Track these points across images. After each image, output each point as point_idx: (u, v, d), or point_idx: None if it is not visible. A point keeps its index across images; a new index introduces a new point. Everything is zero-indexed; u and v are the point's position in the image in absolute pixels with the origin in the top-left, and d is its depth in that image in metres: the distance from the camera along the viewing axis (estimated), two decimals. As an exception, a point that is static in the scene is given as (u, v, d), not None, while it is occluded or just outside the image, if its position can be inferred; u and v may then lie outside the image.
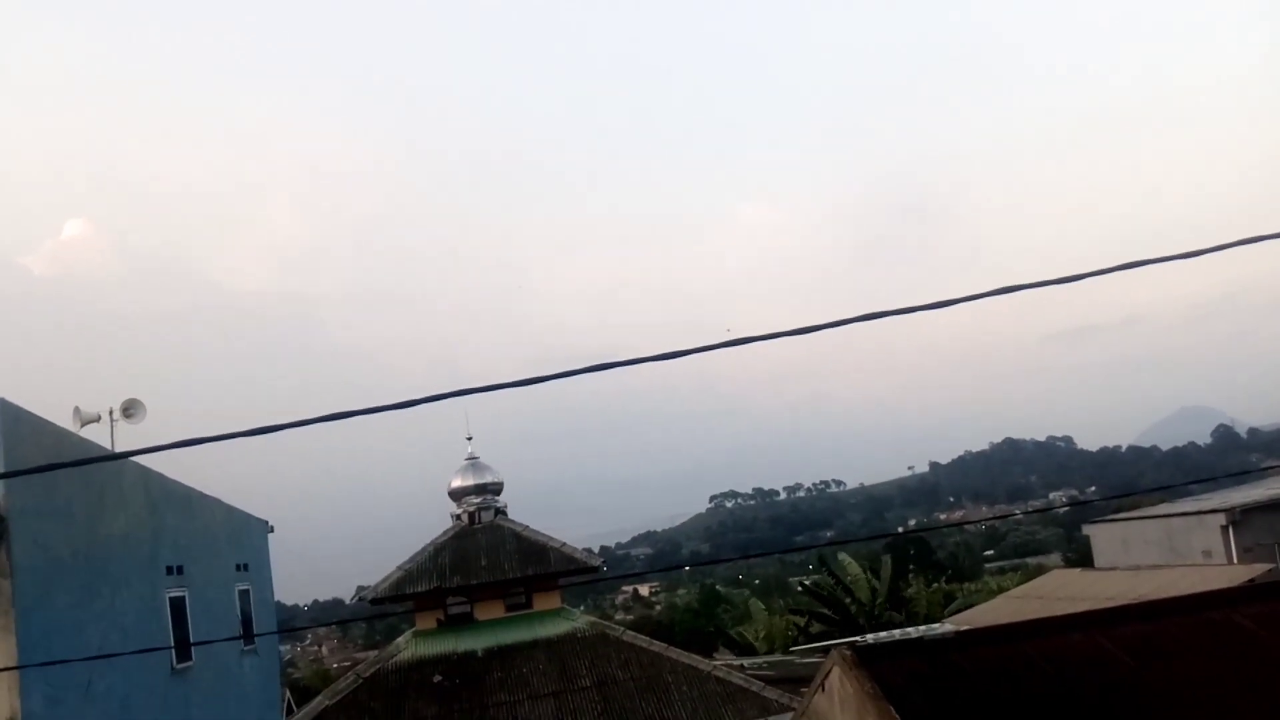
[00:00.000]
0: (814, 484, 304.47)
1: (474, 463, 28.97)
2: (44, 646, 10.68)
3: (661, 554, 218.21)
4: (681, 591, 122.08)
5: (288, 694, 32.27)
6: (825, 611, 42.54)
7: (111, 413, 16.00)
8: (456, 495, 28.64)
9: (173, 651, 14.41)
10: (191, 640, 15.07)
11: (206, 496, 17.16)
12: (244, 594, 18.06)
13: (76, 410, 15.55)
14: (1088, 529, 34.38)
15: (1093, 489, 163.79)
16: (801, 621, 44.20)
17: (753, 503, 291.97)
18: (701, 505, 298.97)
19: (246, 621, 17.94)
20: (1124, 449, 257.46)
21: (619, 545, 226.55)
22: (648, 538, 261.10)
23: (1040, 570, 52.55)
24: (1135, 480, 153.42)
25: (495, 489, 28.85)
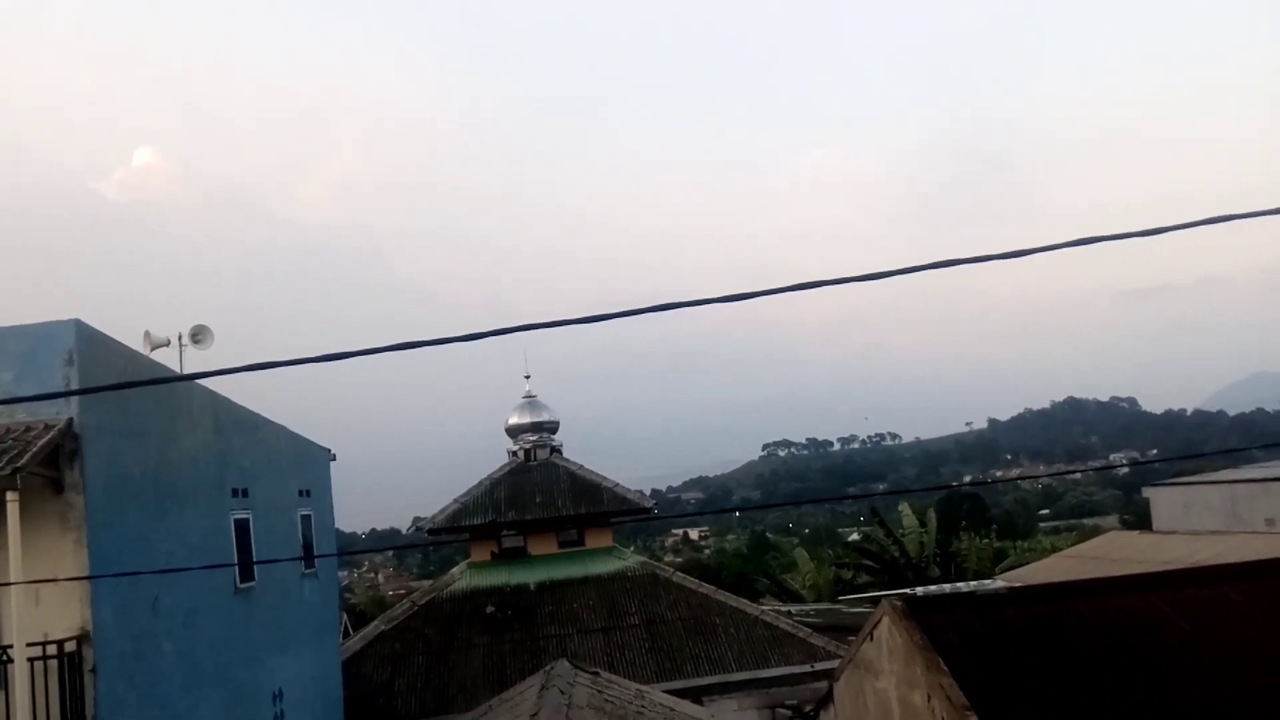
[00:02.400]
0: (869, 436, 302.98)
1: (531, 401, 29.28)
2: (114, 561, 11.01)
3: (712, 499, 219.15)
4: (731, 537, 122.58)
5: (345, 618, 33.14)
6: (872, 564, 42.51)
7: (180, 338, 16.31)
8: (513, 432, 29.01)
9: (236, 571, 14.80)
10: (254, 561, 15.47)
11: (272, 423, 17.48)
12: (305, 519, 18.44)
13: (147, 334, 15.89)
14: (1147, 491, 33.82)
15: (1155, 452, 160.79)
16: (848, 575, 44.22)
17: (806, 453, 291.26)
18: (754, 453, 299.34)
19: (307, 546, 18.35)
20: (1189, 413, 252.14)
21: (670, 489, 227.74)
22: (699, 483, 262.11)
23: (1096, 531, 51.90)
24: (1200, 445, 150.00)
25: (551, 427, 29.16)
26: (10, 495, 9.78)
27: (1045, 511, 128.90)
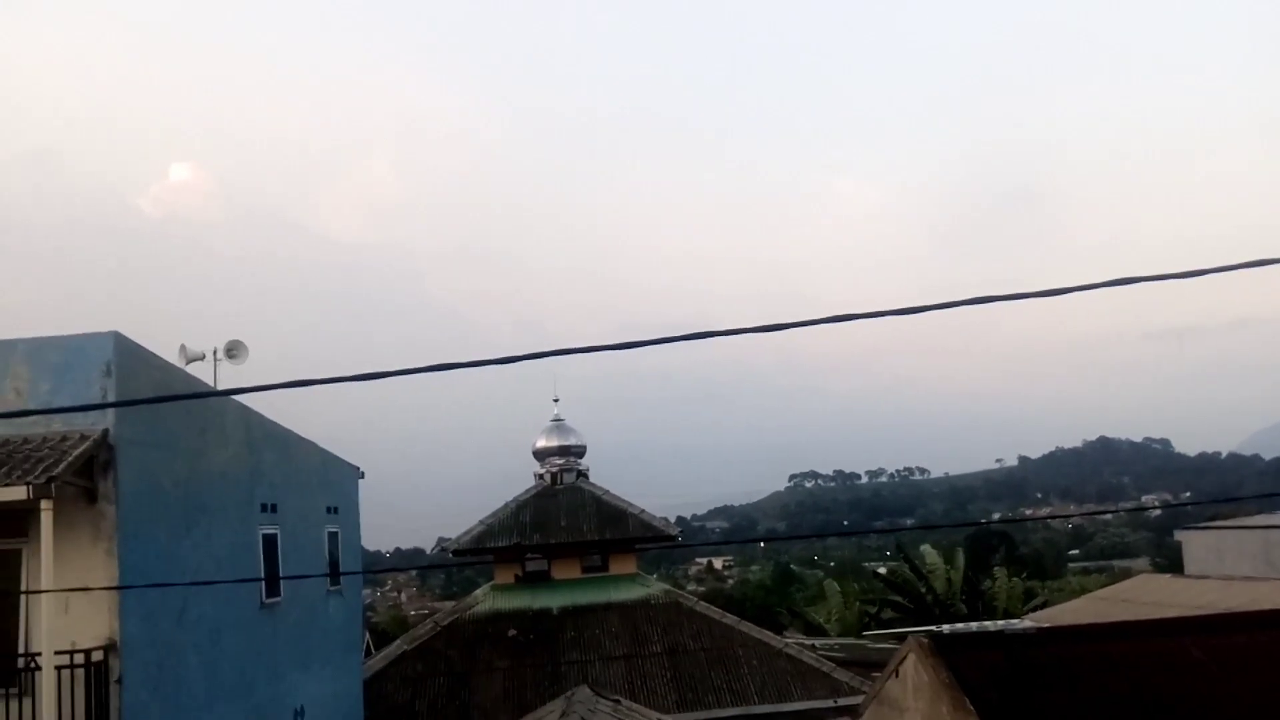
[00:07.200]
0: (897, 470, 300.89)
1: (559, 424, 29.31)
2: (143, 572, 11.10)
3: (737, 528, 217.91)
4: (755, 567, 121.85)
5: (367, 636, 33.16)
6: (899, 599, 42.06)
7: (215, 352, 16.50)
8: (540, 455, 29.04)
9: (263, 586, 14.88)
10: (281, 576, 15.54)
11: (302, 439, 17.60)
12: (332, 536, 18.51)
13: (183, 348, 16.07)
14: (1180, 535, 33.27)
15: (1188, 494, 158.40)
16: (873, 609, 43.78)
17: (833, 484, 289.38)
18: (780, 483, 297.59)
19: (334, 563, 18.42)
20: (1224, 455, 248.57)
21: (695, 517, 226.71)
22: (724, 511, 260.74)
23: (1126, 574, 51.13)
24: (1234, 489, 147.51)
25: (578, 451, 29.17)
26: (44, 504, 9.90)
27: (1075, 552, 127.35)
